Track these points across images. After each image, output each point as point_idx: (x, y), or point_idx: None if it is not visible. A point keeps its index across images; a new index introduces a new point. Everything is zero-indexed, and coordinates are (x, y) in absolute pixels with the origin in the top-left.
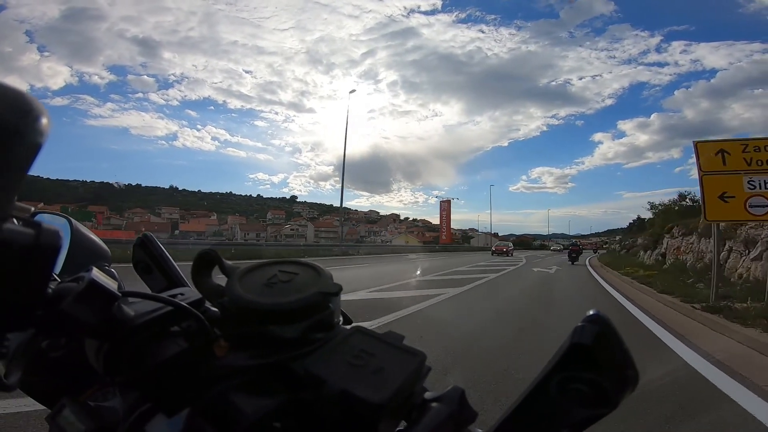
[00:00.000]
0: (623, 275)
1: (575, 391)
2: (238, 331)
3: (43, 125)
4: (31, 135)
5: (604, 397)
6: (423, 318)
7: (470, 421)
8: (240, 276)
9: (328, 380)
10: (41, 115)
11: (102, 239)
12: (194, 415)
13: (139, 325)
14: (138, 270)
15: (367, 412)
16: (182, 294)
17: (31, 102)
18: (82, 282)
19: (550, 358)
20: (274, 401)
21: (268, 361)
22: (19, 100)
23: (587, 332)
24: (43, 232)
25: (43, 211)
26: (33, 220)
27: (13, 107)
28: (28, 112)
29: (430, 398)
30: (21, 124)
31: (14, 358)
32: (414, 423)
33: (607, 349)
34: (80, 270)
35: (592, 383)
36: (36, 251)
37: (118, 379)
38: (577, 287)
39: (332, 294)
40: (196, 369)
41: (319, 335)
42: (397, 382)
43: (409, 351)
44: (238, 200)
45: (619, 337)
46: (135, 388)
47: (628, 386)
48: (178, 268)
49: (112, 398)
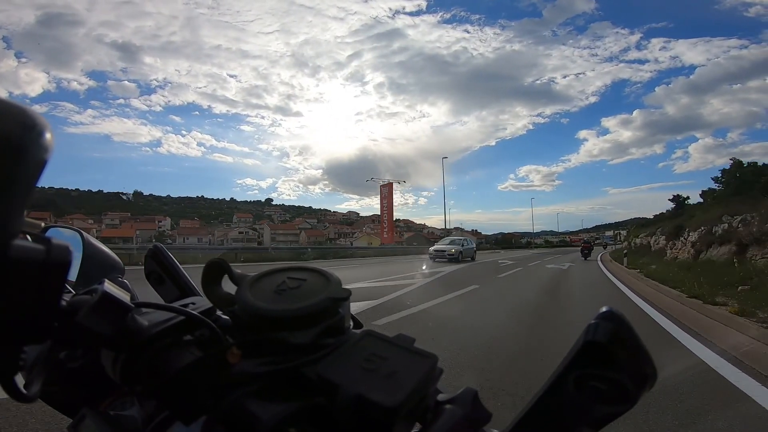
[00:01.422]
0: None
1: (592, 388)
2: (250, 338)
3: (47, 140)
4: (36, 150)
5: (623, 394)
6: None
7: (485, 422)
8: (250, 284)
9: (342, 385)
10: (45, 130)
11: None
12: (211, 423)
13: (153, 335)
14: (150, 281)
15: (382, 416)
16: (194, 303)
17: (35, 117)
18: (96, 294)
19: (564, 356)
20: (288, 407)
21: (281, 368)
22: (22, 116)
23: (601, 330)
24: (53, 248)
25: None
26: (43, 237)
27: (16, 123)
28: (31, 127)
29: (443, 400)
30: (25, 139)
31: (33, 369)
32: (428, 425)
33: (624, 346)
34: (93, 282)
35: (609, 381)
36: (47, 267)
37: (136, 389)
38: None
39: (342, 299)
40: (211, 377)
41: (330, 340)
42: (410, 385)
43: (421, 353)
44: (208, 204)
45: (635, 334)
46: (152, 397)
47: (647, 383)
48: (189, 278)
49: (131, 407)
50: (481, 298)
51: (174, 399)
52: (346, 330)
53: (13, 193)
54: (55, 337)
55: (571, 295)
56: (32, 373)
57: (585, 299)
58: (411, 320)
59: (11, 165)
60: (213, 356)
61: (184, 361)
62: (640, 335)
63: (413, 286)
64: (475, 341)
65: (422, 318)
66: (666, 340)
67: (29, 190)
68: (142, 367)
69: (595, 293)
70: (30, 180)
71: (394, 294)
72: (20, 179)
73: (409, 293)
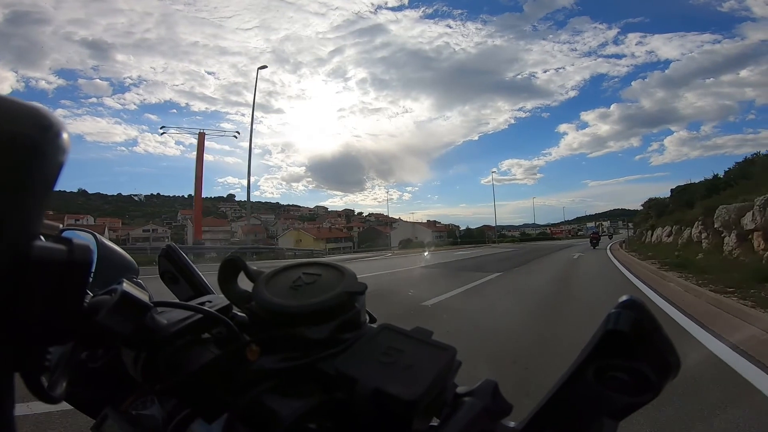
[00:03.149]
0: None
1: (613, 378)
2: (267, 334)
3: (65, 141)
4: (54, 151)
5: (645, 384)
6: None
7: (505, 414)
8: (266, 280)
9: (360, 379)
10: (62, 131)
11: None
12: (232, 420)
13: (172, 333)
14: (165, 280)
15: (401, 409)
16: (210, 301)
17: (51, 117)
18: (115, 294)
19: (584, 346)
20: (308, 402)
21: (299, 363)
22: (38, 117)
23: (623, 318)
24: (75, 248)
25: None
26: (64, 237)
27: (33, 124)
28: (48, 127)
29: (462, 393)
30: (43, 140)
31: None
32: (448, 418)
33: (645, 335)
34: (110, 283)
35: (631, 371)
36: (70, 267)
37: (157, 388)
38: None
39: (358, 293)
40: (231, 374)
41: (347, 335)
42: (429, 378)
43: (439, 346)
44: (162, 201)
45: (657, 323)
46: (173, 396)
47: (671, 373)
48: (203, 277)
49: (151, 406)
50: None
51: (194, 397)
52: (363, 324)
53: (32, 194)
54: (78, 337)
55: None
56: (56, 374)
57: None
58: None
59: (30, 166)
60: (232, 353)
61: (203, 359)
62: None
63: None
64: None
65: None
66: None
67: (48, 191)
68: (162, 365)
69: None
70: (48, 181)
71: None
72: (39, 180)
73: None
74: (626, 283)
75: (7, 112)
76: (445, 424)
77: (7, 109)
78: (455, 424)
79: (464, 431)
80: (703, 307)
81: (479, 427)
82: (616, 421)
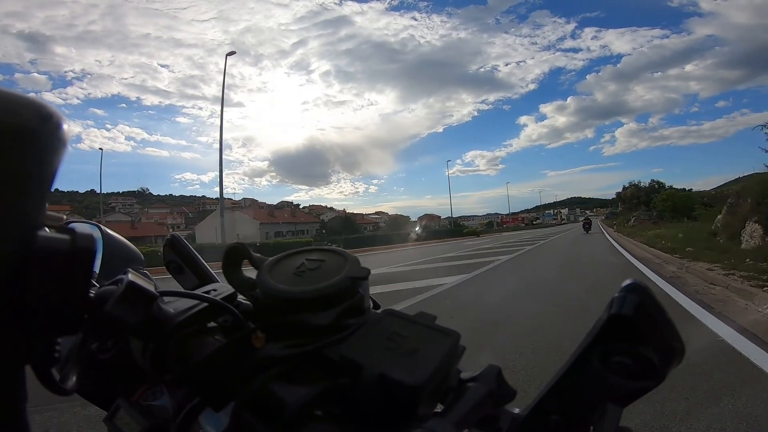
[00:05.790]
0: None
1: (618, 363)
2: (272, 321)
3: (65, 132)
4: (54, 142)
5: (650, 369)
6: None
7: (510, 399)
8: (269, 267)
9: (365, 365)
10: (61, 122)
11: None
12: (239, 408)
13: (179, 322)
14: (170, 270)
15: (406, 395)
16: (215, 290)
17: (50, 109)
18: (122, 284)
19: (588, 331)
20: (313, 389)
21: (304, 350)
22: (38, 108)
23: (627, 303)
24: (78, 237)
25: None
26: (67, 227)
27: (33, 115)
28: (48, 118)
29: (466, 378)
30: (43, 131)
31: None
32: (452, 403)
33: (650, 319)
34: (115, 274)
35: (635, 356)
36: (74, 256)
37: (166, 378)
38: None
39: (361, 278)
40: (238, 362)
41: (351, 321)
42: (433, 363)
43: (443, 331)
44: (80, 197)
45: (661, 307)
46: (182, 385)
47: (675, 358)
48: (207, 266)
49: (161, 396)
50: None
51: (202, 386)
52: (366, 310)
53: (34, 185)
54: (86, 328)
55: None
56: (66, 367)
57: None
58: None
59: (31, 157)
60: (238, 341)
61: (210, 348)
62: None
63: None
64: None
65: None
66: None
67: (49, 182)
68: (170, 354)
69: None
70: (49, 172)
71: None
72: (40, 171)
73: None
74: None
75: (6, 103)
76: (450, 409)
77: (7, 101)
78: (460, 409)
79: (469, 416)
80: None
81: (483, 412)
82: (621, 407)
